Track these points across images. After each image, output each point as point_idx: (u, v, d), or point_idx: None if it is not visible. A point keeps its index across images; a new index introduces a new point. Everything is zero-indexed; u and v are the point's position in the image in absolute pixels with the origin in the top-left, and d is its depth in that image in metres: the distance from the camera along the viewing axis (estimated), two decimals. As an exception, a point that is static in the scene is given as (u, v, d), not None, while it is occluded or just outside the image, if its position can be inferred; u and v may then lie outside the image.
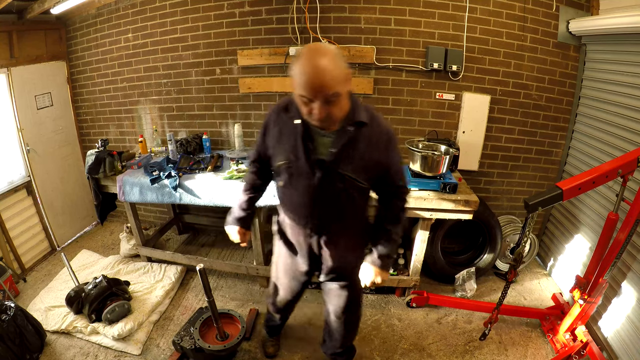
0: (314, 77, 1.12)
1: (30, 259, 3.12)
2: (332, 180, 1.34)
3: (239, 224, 1.64)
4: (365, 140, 1.32)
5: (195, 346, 2.02)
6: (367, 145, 1.32)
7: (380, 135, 1.34)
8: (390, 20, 2.64)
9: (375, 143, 1.33)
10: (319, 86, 1.13)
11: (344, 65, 1.18)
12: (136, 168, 2.71)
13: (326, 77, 1.12)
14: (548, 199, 1.64)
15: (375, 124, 1.34)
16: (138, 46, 3.11)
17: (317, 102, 1.16)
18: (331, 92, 1.14)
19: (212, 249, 3.38)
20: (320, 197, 1.39)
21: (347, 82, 1.21)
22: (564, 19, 2.51)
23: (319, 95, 1.14)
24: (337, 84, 1.15)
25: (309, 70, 1.13)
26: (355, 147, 1.32)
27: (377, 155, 1.34)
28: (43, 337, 2.26)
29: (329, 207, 1.43)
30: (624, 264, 2.05)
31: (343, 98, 1.21)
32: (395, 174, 1.43)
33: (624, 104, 2.15)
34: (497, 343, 2.28)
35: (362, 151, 1.32)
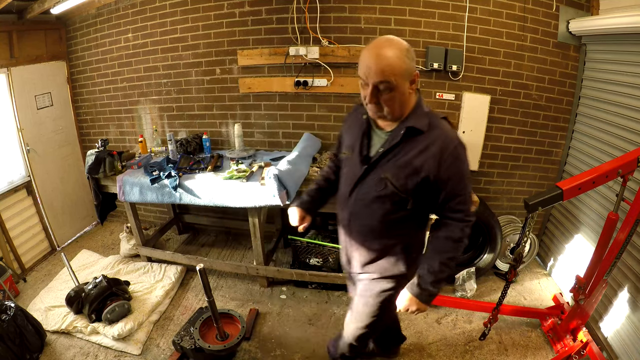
0: (369, 60, 1.15)
1: (30, 259, 3.12)
2: (372, 179, 1.31)
3: (302, 206, 1.64)
4: (417, 147, 1.22)
5: (195, 346, 2.02)
6: (418, 153, 1.22)
7: (436, 146, 1.21)
8: (390, 20, 2.64)
9: (427, 152, 1.21)
10: (372, 70, 1.14)
11: (409, 63, 1.15)
12: (136, 168, 2.71)
13: (381, 62, 1.13)
14: (548, 199, 1.64)
15: (436, 134, 1.22)
16: (138, 46, 3.11)
17: (369, 87, 1.17)
18: (381, 79, 1.13)
19: (212, 249, 3.38)
20: (358, 192, 1.36)
21: (406, 78, 1.16)
22: (564, 18, 2.51)
23: (370, 79, 1.16)
24: (391, 74, 1.13)
25: (368, 53, 1.16)
26: (404, 152, 1.24)
27: (425, 167, 1.21)
28: (43, 337, 2.26)
29: (362, 205, 1.37)
30: (624, 264, 2.05)
31: (398, 93, 1.17)
32: (451, 195, 1.26)
33: (624, 104, 2.15)
34: (497, 343, 2.28)
35: (409, 157, 1.23)
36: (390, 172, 1.26)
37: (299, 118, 3.02)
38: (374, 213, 1.35)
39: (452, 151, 1.20)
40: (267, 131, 3.13)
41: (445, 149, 1.20)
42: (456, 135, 1.26)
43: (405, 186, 1.25)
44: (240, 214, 3.20)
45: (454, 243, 1.30)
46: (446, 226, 1.31)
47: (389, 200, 1.30)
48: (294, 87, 2.87)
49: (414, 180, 1.24)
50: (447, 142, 1.21)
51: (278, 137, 3.13)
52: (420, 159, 1.22)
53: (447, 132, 1.24)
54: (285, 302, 2.67)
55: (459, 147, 1.22)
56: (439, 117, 1.28)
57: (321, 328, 2.43)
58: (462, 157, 1.23)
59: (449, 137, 1.22)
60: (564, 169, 2.84)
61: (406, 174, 1.24)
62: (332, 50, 2.73)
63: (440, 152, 1.20)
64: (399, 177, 1.25)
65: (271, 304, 2.66)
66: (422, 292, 1.34)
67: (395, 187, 1.26)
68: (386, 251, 1.42)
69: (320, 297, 2.72)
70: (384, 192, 1.29)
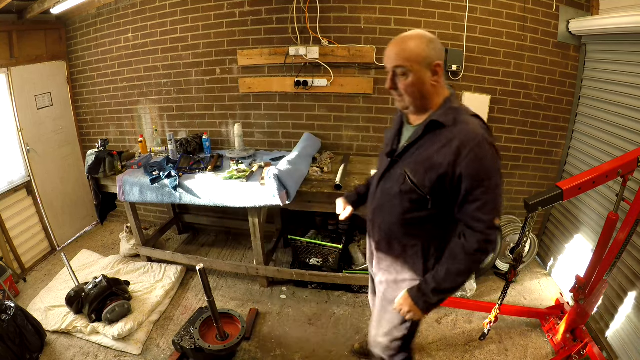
0: (389, 48, 1.19)
1: (30, 259, 3.12)
2: (395, 173, 1.29)
3: (347, 198, 1.70)
4: (440, 142, 1.16)
5: (195, 346, 2.02)
6: (440, 148, 1.16)
7: (457, 141, 1.13)
8: (390, 20, 2.64)
9: (448, 148, 1.14)
10: (388, 55, 1.19)
11: (427, 51, 1.14)
12: (136, 168, 2.71)
13: (397, 48, 1.16)
14: (548, 199, 1.64)
15: (459, 129, 1.14)
16: (138, 46, 3.11)
17: (389, 73, 1.20)
18: (395, 63, 1.16)
19: (212, 248, 3.38)
20: (383, 187, 1.35)
21: (422, 65, 1.15)
22: (564, 18, 2.51)
23: (388, 64, 1.19)
24: (405, 59, 1.14)
25: (392, 41, 1.20)
26: (426, 147, 1.20)
27: (445, 163, 1.14)
28: (43, 337, 2.26)
29: (385, 201, 1.34)
30: (624, 264, 2.05)
31: (415, 79, 1.16)
32: (469, 199, 1.15)
33: (624, 104, 2.15)
34: (497, 343, 2.28)
35: (430, 153, 1.18)
36: (410, 167, 1.23)
37: (299, 118, 3.02)
38: (394, 210, 1.31)
39: (473, 147, 1.10)
40: (267, 131, 3.13)
41: (465, 144, 1.11)
42: (483, 133, 1.14)
43: (423, 182, 1.19)
44: (240, 214, 3.20)
45: (467, 255, 1.19)
46: (464, 234, 1.20)
47: (408, 198, 1.25)
48: (294, 87, 2.87)
49: (432, 177, 1.17)
50: (470, 137, 1.12)
51: (278, 137, 3.13)
52: (441, 155, 1.15)
53: (473, 127, 1.15)
54: (285, 302, 2.67)
55: (483, 145, 1.11)
56: (469, 113, 1.21)
57: (321, 328, 2.43)
58: (485, 156, 1.11)
59: (473, 132, 1.13)
60: (564, 169, 2.84)
61: (425, 169, 1.19)
62: (332, 50, 2.73)
63: (459, 148, 1.12)
64: (417, 172, 1.20)
65: (271, 304, 2.66)
66: (420, 297, 1.27)
67: (414, 182, 1.21)
68: (404, 253, 1.36)
69: (320, 297, 2.72)
70: (404, 188, 1.25)
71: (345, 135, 3.02)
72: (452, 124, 1.16)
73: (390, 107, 2.85)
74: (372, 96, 2.84)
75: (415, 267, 1.35)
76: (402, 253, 1.37)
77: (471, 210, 1.16)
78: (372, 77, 2.79)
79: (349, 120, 2.96)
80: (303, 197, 2.38)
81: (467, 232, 1.19)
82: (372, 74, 2.79)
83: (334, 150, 3.04)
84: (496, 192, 1.15)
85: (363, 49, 2.71)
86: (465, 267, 1.20)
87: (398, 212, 1.30)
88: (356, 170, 2.67)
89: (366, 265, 2.65)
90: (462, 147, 1.12)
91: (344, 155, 2.94)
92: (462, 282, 1.25)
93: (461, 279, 1.23)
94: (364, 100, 2.88)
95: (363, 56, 2.72)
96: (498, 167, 1.16)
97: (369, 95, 2.84)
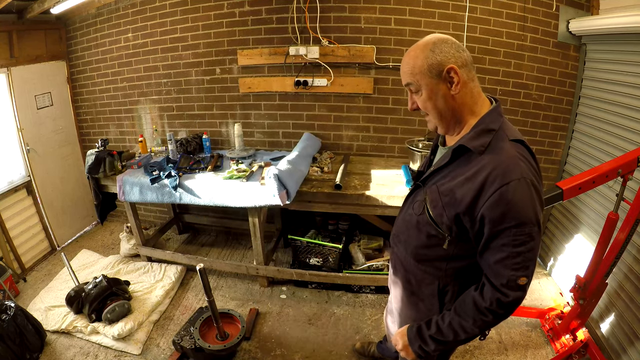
0: (403, 58, 1.04)
1: (30, 258, 3.12)
2: (416, 200, 1.13)
3: None
4: (466, 173, 0.95)
5: (195, 346, 2.02)
6: (465, 180, 0.95)
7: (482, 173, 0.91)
8: (390, 20, 2.64)
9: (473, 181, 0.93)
10: (401, 71, 1.05)
11: (431, 57, 0.95)
12: (136, 168, 2.71)
13: (403, 62, 1.02)
14: (548, 199, 1.64)
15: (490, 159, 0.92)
16: (138, 46, 3.11)
17: (409, 93, 1.07)
18: (404, 80, 1.03)
19: (212, 248, 3.39)
20: (405, 212, 1.20)
21: (429, 75, 0.96)
22: (564, 18, 2.51)
23: (402, 79, 1.05)
24: (410, 75, 0.99)
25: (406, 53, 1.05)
26: (451, 177, 1.00)
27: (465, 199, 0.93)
28: (43, 336, 2.26)
29: (404, 228, 1.19)
30: (624, 263, 2.05)
31: (429, 93, 0.98)
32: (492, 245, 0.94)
33: (624, 103, 2.14)
34: (497, 343, 2.28)
35: (453, 184, 0.98)
36: (430, 197, 1.05)
37: (299, 118, 3.02)
38: (410, 240, 1.16)
39: (502, 184, 0.88)
40: (267, 131, 3.13)
41: (493, 180, 0.89)
42: (522, 167, 0.90)
43: (441, 218, 1.01)
44: (241, 214, 3.20)
45: (476, 311, 1.00)
46: (482, 287, 1.01)
47: (425, 231, 1.08)
48: (294, 86, 2.87)
49: (450, 215, 0.98)
50: (500, 171, 0.89)
51: (278, 136, 3.13)
52: (463, 190, 0.94)
53: (508, 158, 0.90)
54: (285, 302, 2.67)
55: (515, 185, 0.87)
56: (508, 138, 0.95)
57: (321, 328, 2.43)
58: (517, 198, 0.87)
59: (506, 165, 0.89)
60: (564, 168, 2.83)
61: (444, 203, 1.00)
62: (332, 50, 2.73)
63: (484, 184, 0.90)
64: (436, 205, 1.02)
65: (271, 303, 2.66)
66: (417, 340, 1.12)
67: (430, 215, 1.04)
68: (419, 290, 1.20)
69: (320, 296, 2.72)
70: (421, 219, 1.08)
71: (345, 135, 3.02)
72: (487, 151, 0.94)
73: (390, 107, 2.85)
74: (372, 96, 2.84)
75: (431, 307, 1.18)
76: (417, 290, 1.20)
77: (492, 261, 0.95)
78: (372, 77, 2.79)
79: (349, 120, 2.96)
80: (303, 197, 2.38)
81: (485, 285, 1.00)
82: (372, 73, 2.79)
83: (334, 150, 3.04)
84: (527, 244, 0.90)
85: (363, 48, 2.71)
86: (471, 325, 1.02)
87: (413, 244, 1.14)
88: (356, 170, 2.67)
89: (366, 265, 2.66)
90: (488, 183, 0.89)
91: (344, 155, 2.94)
92: (465, 339, 1.06)
93: (464, 336, 1.04)
94: (364, 100, 2.88)
95: (363, 56, 2.72)
96: (535, 213, 0.90)
97: (369, 95, 2.84)
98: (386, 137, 2.96)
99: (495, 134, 0.96)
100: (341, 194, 2.32)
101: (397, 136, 2.93)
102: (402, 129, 2.89)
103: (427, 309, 1.19)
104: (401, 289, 1.27)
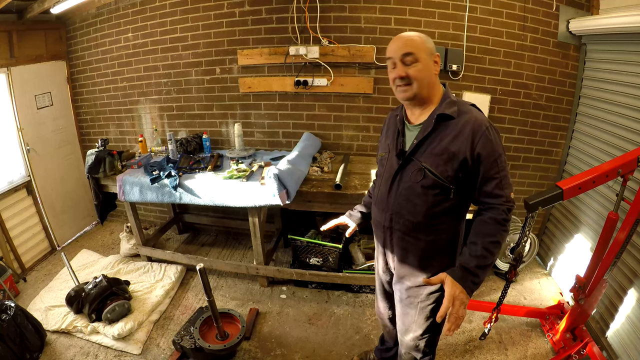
0: (395, 42, 1.28)
1: (30, 258, 3.12)
2: (411, 171, 1.32)
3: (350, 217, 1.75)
4: (451, 133, 1.25)
5: (195, 346, 2.02)
6: (453, 138, 1.25)
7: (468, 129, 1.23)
8: (390, 19, 2.64)
9: (461, 136, 1.24)
10: (396, 46, 1.26)
11: (429, 43, 1.27)
12: (136, 167, 2.71)
13: (404, 39, 1.26)
14: (548, 199, 1.64)
15: (467, 118, 1.25)
16: (138, 46, 3.11)
17: (397, 63, 1.25)
18: (405, 51, 1.23)
19: (212, 248, 3.39)
20: (398, 188, 1.36)
21: (428, 54, 1.25)
22: (564, 18, 2.51)
23: (396, 53, 1.25)
24: (414, 47, 1.23)
25: (393, 39, 1.29)
26: (438, 140, 1.27)
27: (462, 150, 1.23)
28: (43, 336, 2.26)
29: (404, 201, 1.35)
30: (624, 263, 2.05)
31: (423, 66, 1.25)
32: (487, 178, 1.25)
33: (624, 103, 2.14)
34: (497, 343, 2.28)
35: (445, 144, 1.26)
36: (428, 161, 1.27)
37: (299, 117, 3.02)
38: (417, 207, 1.33)
39: (484, 132, 1.22)
40: (267, 131, 3.13)
41: (477, 130, 1.22)
42: (486, 119, 1.27)
43: (446, 172, 1.26)
44: (241, 214, 3.20)
45: (498, 225, 1.24)
46: (488, 209, 1.27)
47: (432, 192, 1.29)
48: (294, 86, 2.87)
49: (453, 166, 1.25)
50: (479, 124, 1.23)
51: (278, 136, 3.13)
52: (456, 144, 1.24)
53: (477, 115, 1.27)
54: (285, 302, 2.67)
55: (490, 129, 1.24)
56: (467, 104, 1.31)
57: (321, 328, 2.43)
58: (494, 139, 1.23)
59: (480, 119, 1.25)
60: (564, 168, 2.84)
61: (444, 160, 1.25)
62: (332, 49, 2.73)
63: (472, 134, 1.22)
64: (438, 165, 1.26)
65: (271, 303, 2.66)
66: (466, 276, 1.21)
67: (436, 175, 1.26)
68: (432, 248, 1.39)
69: (320, 296, 2.72)
70: (425, 183, 1.29)
71: (345, 135, 3.02)
72: (458, 115, 1.26)
73: (391, 106, 2.85)
74: (372, 96, 2.84)
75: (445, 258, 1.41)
76: (431, 248, 1.39)
77: (490, 188, 1.25)
78: (372, 77, 2.79)
79: (349, 120, 2.96)
80: (303, 197, 2.38)
81: (492, 206, 1.26)
82: (372, 73, 2.79)
83: (334, 149, 3.04)
84: (507, 169, 1.27)
85: (363, 48, 2.71)
86: (497, 239, 1.24)
87: (423, 208, 1.32)
88: (356, 170, 2.67)
89: (366, 265, 2.66)
90: (475, 133, 1.22)
91: (344, 155, 2.94)
92: (498, 252, 1.28)
93: (497, 250, 1.25)
94: (364, 99, 2.88)
95: (363, 56, 2.72)
96: (502, 147, 1.27)
97: (369, 95, 2.84)
98: (386, 137, 2.96)
99: (458, 102, 1.31)
100: (341, 193, 2.32)
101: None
102: (402, 128, 2.89)
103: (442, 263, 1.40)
104: (417, 256, 1.41)
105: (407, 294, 1.49)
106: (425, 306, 1.46)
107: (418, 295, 1.46)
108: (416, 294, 1.47)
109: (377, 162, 1.55)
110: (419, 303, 1.47)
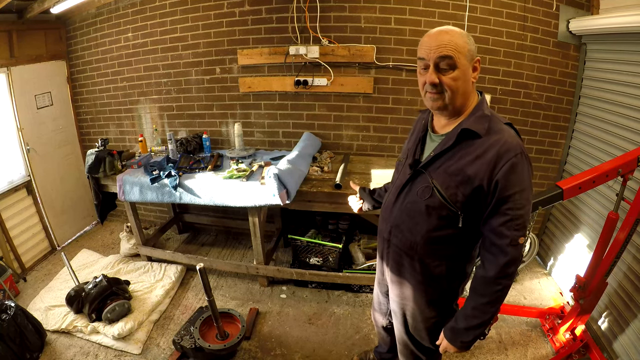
0: (431, 38, 1.07)
1: (30, 258, 3.12)
2: (419, 187, 1.18)
3: (360, 192, 1.74)
4: (473, 153, 1.07)
5: (196, 345, 2.02)
6: (473, 159, 1.07)
7: (493, 152, 1.04)
8: (390, 19, 2.63)
9: (482, 159, 1.06)
10: (433, 45, 1.05)
11: (470, 44, 1.06)
12: (136, 167, 2.71)
13: (443, 38, 1.04)
14: (548, 198, 1.64)
15: (495, 139, 1.06)
16: (138, 45, 3.11)
17: (430, 65, 1.06)
18: (444, 53, 1.03)
19: (212, 248, 3.39)
20: (403, 201, 1.24)
21: (468, 59, 1.05)
22: (564, 18, 2.51)
23: (431, 54, 1.05)
24: (453, 50, 1.03)
25: (429, 34, 1.09)
26: (457, 158, 1.10)
27: (479, 175, 1.06)
28: (43, 336, 2.26)
29: (406, 217, 1.23)
30: (624, 263, 2.05)
31: (460, 73, 1.06)
32: (497, 211, 1.07)
33: (624, 103, 2.14)
34: (497, 343, 2.28)
35: (462, 164, 1.08)
36: (439, 180, 1.12)
37: (299, 117, 3.02)
38: (418, 227, 1.20)
39: (510, 158, 1.03)
40: (267, 130, 3.13)
41: (503, 155, 1.03)
42: (520, 144, 1.07)
43: (455, 197, 1.09)
44: (241, 214, 3.20)
45: (489, 285, 1.11)
46: (483, 261, 1.14)
47: (436, 214, 1.15)
48: (294, 86, 2.87)
49: (466, 191, 1.08)
50: (507, 148, 1.04)
51: (278, 136, 3.13)
52: (475, 167, 1.06)
53: (509, 138, 1.06)
54: (285, 302, 2.67)
55: (520, 157, 1.04)
56: (502, 121, 1.12)
57: (321, 327, 2.43)
58: (521, 170, 1.04)
59: (510, 143, 1.05)
60: (564, 168, 2.83)
61: (457, 182, 1.09)
62: (332, 49, 2.73)
63: (496, 158, 1.04)
64: (448, 186, 1.10)
65: (271, 303, 2.66)
66: (455, 338, 1.20)
67: (444, 197, 1.11)
68: (427, 276, 1.27)
69: (320, 296, 2.72)
70: (430, 203, 1.14)
71: (345, 135, 3.02)
72: (486, 134, 1.08)
73: (390, 106, 2.85)
74: (372, 95, 2.84)
75: (439, 289, 1.29)
76: (424, 276, 1.27)
77: (497, 223, 1.07)
78: (372, 77, 2.79)
79: (349, 120, 2.96)
80: (303, 197, 2.38)
81: (487, 258, 1.12)
82: (372, 73, 2.79)
83: (334, 149, 3.04)
84: (526, 209, 1.07)
85: (363, 48, 2.71)
86: (490, 299, 1.12)
87: (423, 229, 1.19)
88: (356, 170, 2.67)
89: (366, 265, 2.66)
90: (499, 157, 1.04)
91: (344, 155, 2.94)
92: (494, 312, 1.15)
93: (492, 309, 1.14)
94: (364, 99, 2.88)
95: (363, 55, 2.72)
96: (530, 182, 1.08)
97: (369, 95, 2.84)
98: (386, 137, 2.96)
99: (491, 118, 1.11)
100: (341, 193, 2.32)
101: (397, 136, 2.93)
102: (402, 128, 2.89)
103: (436, 293, 1.29)
104: (411, 277, 1.30)
105: (401, 317, 1.44)
106: (423, 328, 1.41)
107: (416, 316, 1.40)
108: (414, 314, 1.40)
109: (395, 165, 1.43)
110: (419, 322, 1.41)
